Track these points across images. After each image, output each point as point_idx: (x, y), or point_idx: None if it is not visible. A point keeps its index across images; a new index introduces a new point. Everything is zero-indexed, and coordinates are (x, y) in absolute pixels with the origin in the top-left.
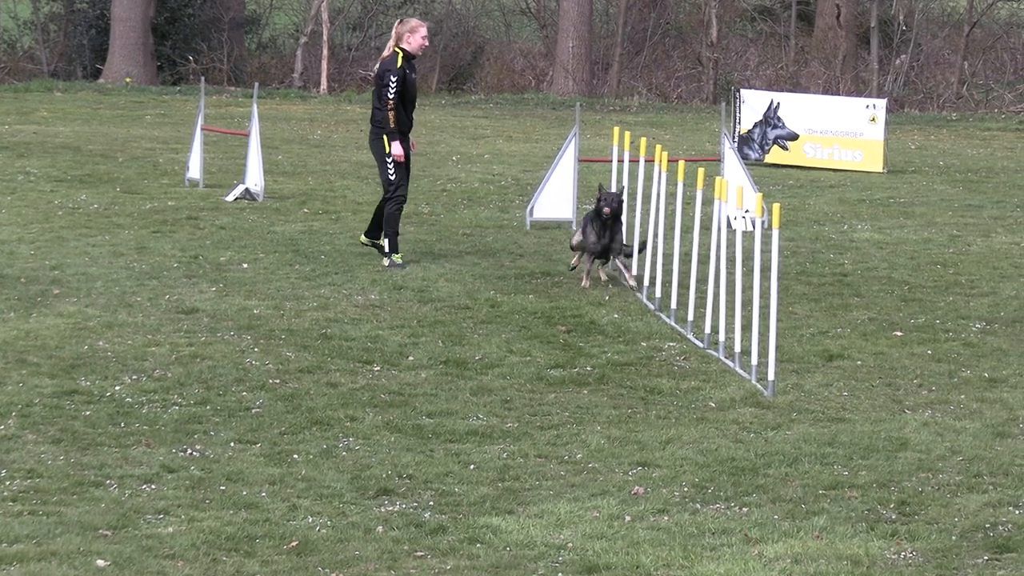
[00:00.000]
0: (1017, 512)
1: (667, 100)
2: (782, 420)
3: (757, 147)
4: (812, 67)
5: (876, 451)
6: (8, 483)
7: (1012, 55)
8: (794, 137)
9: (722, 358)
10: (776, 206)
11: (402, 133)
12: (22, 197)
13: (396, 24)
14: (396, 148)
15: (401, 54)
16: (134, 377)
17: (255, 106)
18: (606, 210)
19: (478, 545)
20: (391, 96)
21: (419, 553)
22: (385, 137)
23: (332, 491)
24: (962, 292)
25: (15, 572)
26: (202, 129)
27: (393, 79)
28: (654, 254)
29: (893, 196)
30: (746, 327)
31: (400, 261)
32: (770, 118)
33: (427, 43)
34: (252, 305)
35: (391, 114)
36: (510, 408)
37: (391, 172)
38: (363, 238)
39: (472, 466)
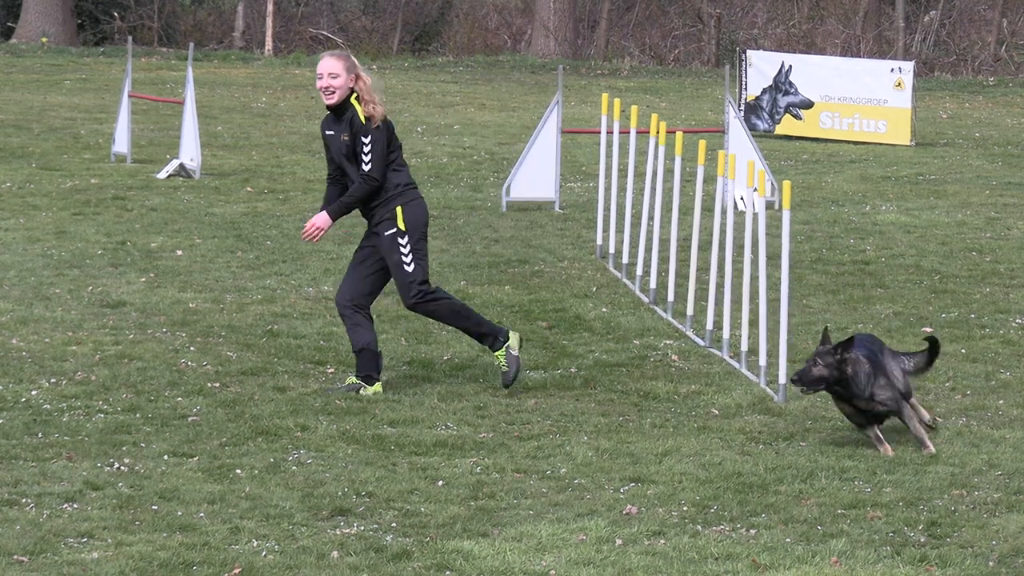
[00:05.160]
0: None
1: (663, 63)
2: (795, 429)
3: (766, 116)
4: (828, 25)
5: (903, 465)
6: None
7: None
8: (808, 105)
9: (726, 358)
10: (787, 184)
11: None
12: None
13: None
14: None
15: None
16: (53, 380)
17: (190, 70)
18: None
19: (448, 572)
20: None
21: None
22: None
23: (280, 511)
24: (1000, 283)
25: None
26: (129, 96)
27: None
28: (648, 239)
29: (922, 173)
30: (753, 323)
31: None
32: (781, 83)
33: (320, 86)
34: (188, 298)
35: None
36: (484, 416)
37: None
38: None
39: (440, 482)
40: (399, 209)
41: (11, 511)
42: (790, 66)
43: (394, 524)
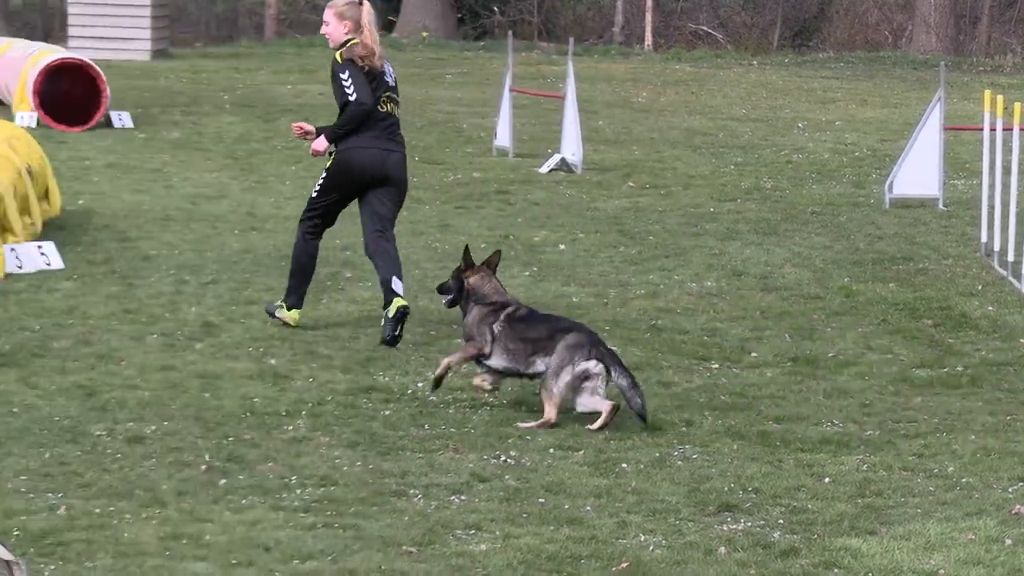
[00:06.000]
0: None
1: None
2: None
3: None
4: None
5: None
6: (300, 491)
7: None
8: None
9: None
10: None
11: None
12: (309, 167)
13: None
14: None
15: None
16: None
17: (570, 64)
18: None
19: (835, 570)
20: None
21: None
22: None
23: (666, 506)
24: None
25: None
26: (511, 91)
27: None
28: None
29: None
30: None
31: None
32: None
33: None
34: (571, 292)
35: None
36: (870, 413)
37: None
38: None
39: (827, 479)
40: (332, 154)
41: (399, 502)
42: None
43: (781, 521)
